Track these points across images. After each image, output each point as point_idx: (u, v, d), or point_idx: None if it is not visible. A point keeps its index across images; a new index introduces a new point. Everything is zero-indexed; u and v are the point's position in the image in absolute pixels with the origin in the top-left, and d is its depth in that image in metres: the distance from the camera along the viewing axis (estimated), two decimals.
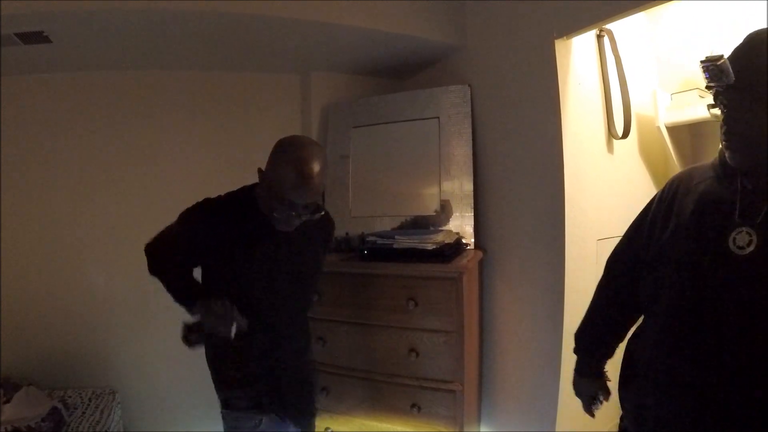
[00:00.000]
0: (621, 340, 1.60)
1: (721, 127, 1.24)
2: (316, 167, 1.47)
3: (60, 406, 2.48)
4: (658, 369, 1.33)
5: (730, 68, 1.19)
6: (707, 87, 1.36)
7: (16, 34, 2.15)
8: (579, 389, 1.68)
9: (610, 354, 1.63)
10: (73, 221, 2.76)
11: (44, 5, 1.95)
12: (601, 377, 1.64)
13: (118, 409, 2.68)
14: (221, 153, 2.88)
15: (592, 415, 1.66)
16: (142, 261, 1.69)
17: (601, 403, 1.64)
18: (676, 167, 2.73)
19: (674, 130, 2.69)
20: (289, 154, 1.49)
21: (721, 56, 1.47)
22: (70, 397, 2.63)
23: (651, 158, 2.73)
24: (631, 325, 1.55)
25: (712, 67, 1.45)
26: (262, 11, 2.16)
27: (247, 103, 2.94)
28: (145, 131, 2.83)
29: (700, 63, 1.45)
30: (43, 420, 2.34)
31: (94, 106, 2.76)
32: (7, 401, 2.44)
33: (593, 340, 1.63)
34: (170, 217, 1.65)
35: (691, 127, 2.72)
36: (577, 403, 1.73)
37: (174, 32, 2.32)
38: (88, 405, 2.59)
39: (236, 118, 2.93)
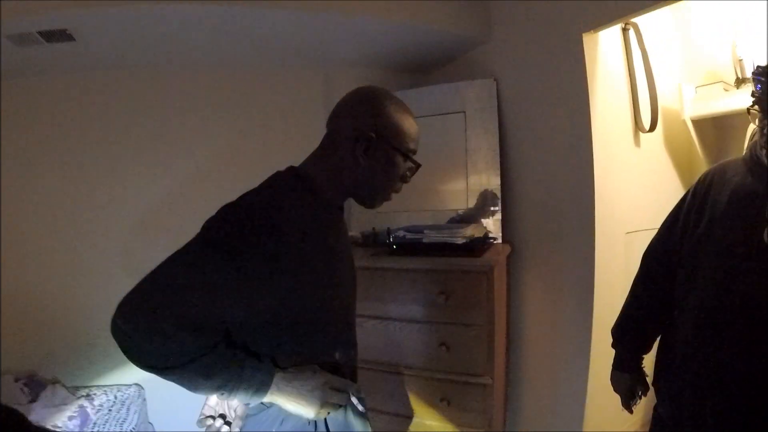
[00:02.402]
0: (659, 334, 1.60)
1: (763, 132, 1.29)
2: None
3: (86, 404, 2.49)
4: (694, 360, 1.35)
5: None
6: (757, 100, 1.37)
7: (40, 33, 2.14)
8: (617, 384, 1.69)
9: (648, 348, 1.64)
10: (98, 215, 2.77)
11: (70, 3, 1.95)
12: (640, 371, 1.65)
13: (144, 405, 2.68)
14: (242, 151, 2.88)
15: (630, 411, 1.67)
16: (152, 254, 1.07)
17: (640, 398, 1.64)
18: (701, 160, 2.73)
19: (698, 123, 2.69)
20: (391, 101, 1.22)
21: None
22: (96, 394, 2.63)
23: (676, 151, 2.72)
24: (668, 318, 1.54)
25: (765, 80, 1.45)
26: (283, 5, 2.15)
27: (268, 99, 2.93)
28: (164, 129, 2.83)
29: (752, 75, 1.45)
30: (69, 418, 2.35)
31: (113, 105, 2.77)
32: (33, 400, 2.44)
33: (631, 334, 1.65)
34: (188, 219, 1.16)
35: (715, 120, 2.72)
36: (606, 398, 1.73)
37: (194, 29, 2.32)
38: (114, 402, 2.59)
39: (257, 115, 2.93)
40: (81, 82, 2.70)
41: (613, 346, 1.70)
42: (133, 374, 2.77)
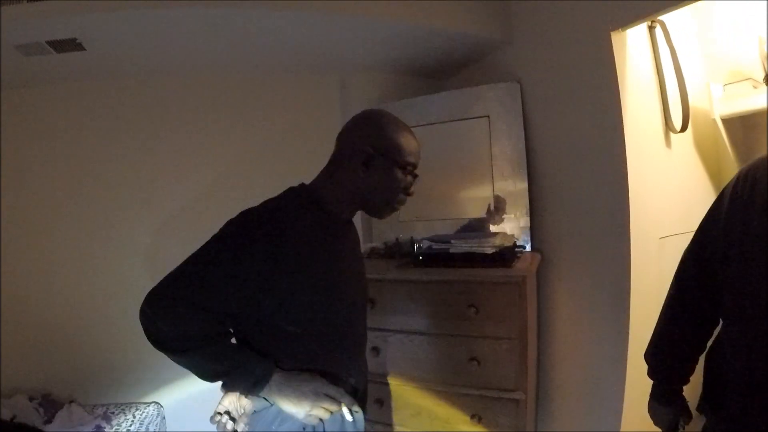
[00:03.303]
0: (699, 357, 1.45)
1: None
2: None
3: (104, 423, 2.42)
4: (754, 377, 1.21)
5: None
6: None
7: (48, 42, 2.09)
8: (657, 417, 1.53)
9: (690, 374, 1.48)
10: (114, 227, 2.72)
11: (77, 9, 1.89)
12: (681, 401, 1.49)
13: (163, 424, 2.62)
14: (260, 157, 2.83)
15: None
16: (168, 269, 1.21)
17: (683, 429, 1.49)
18: (731, 160, 2.65)
19: (728, 122, 2.61)
20: (390, 120, 1.35)
21: None
22: (113, 412, 2.57)
23: (706, 152, 2.64)
24: (709, 338, 1.41)
25: None
26: (299, 7, 2.08)
27: (285, 104, 2.89)
28: (181, 137, 2.79)
29: None
30: None
31: (127, 114, 2.73)
32: (49, 421, 2.38)
33: (669, 360, 1.48)
34: (209, 226, 1.25)
35: (743, 118, 2.64)
36: (642, 411, 1.61)
37: (209, 34, 2.26)
38: (133, 420, 2.52)
39: (275, 120, 2.88)
40: (94, 90, 2.66)
41: (649, 375, 1.54)
42: (152, 392, 2.72)
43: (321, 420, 1.25)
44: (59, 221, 2.66)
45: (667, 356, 1.47)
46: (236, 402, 1.28)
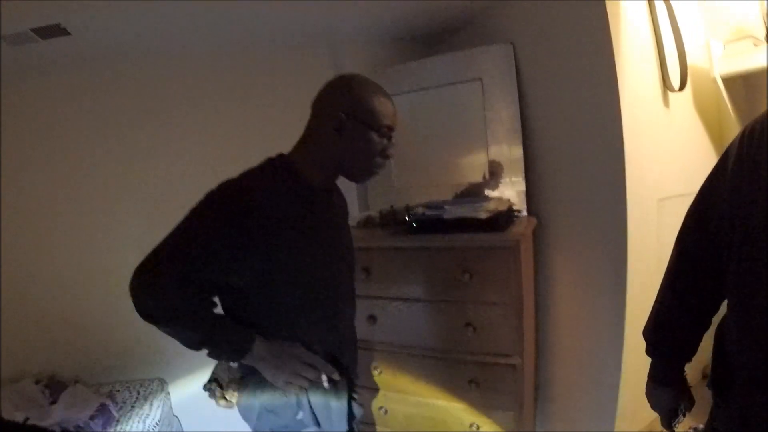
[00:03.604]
0: (703, 333, 1.30)
1: None
2: None
3: (108, 402, 2.44)
4: (758, 360, 1.05)
5: None
6: None
7: (33, 30, 2.05)
8: (655, 400, 1.38)
9: (691, 354, 1.32)
10: (108, 210, 2.72)
11: None
12: (682, 383, 1.33)
13: (167, 399, 2.64)
14: (252, 134, 2.78)
15: (672, 431, 1.37)
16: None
17: (684, 415, 1.34)
18: (732, 120, 2.60)
19: (728, 81, 2.55)
20: (362, 83, 1.35)
21: None
22: (118, 391, 2.59)
23: (706, 111, 2.58)
24: (714, 313, 1.27)
25: None
26: None
27: (274, 79, 2.84)
28: (171, 116, 2.76)
29: None
30: (91, 418, 2.30)
31: (113, 99, 2.69)
32: (54, 402, 2.40)
33: (669, 338, 1.32)
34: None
35: (744, 78, 2.58)
36: (641, 378, 1.52)
37: (195, 10, 2.20)
38: (137, 397, 2.55)
39: (265, 97, 2.83)
40: (79, 79, 2.62)
41: (647, 353, 1.39)
42: (156, 369, 2.73)
43: (304, 389, 1.30)
44: (58, 207, 2.65)
45: (666, 332, 1.32)
46: (226, 371, 1.34)
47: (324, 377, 1.29)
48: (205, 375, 2.71)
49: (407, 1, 2.35)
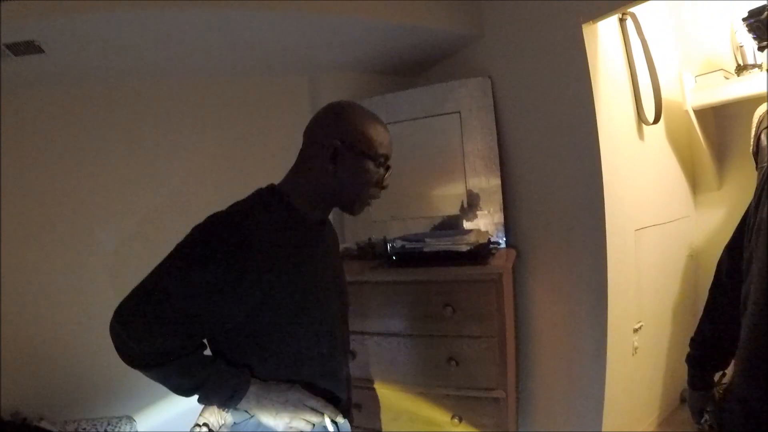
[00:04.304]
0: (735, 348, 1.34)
1: None
2: None
3: None
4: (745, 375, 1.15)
5: None
6: (760, 48, 1.24)
7: (6, 45, 2.01)
8: (689, 401, 1.51)
9: (720, 366, 1.44)
10: (76, 244, 2.61)
11: (36, 8, 1.80)
12: (710, 389, 1.45)
13: None
14: (227, 160, 2.76)
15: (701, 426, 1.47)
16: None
17: (709, 415, 1.44)
18: (704, 151, 2.66)
19: (700, 113, 2.61)
20: (357, 111, 1.27)
21: (765, 7, 1.34)
22: (84, 428, 2.47)
23: (678, 143, 2.65)
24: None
25: (755, 23, 1.32)
26: (266, 7, 2.02)
27: (252, 107, 2.81)
28: (147, 141, 2.69)
29: (742, 20, 1.32)
30: None
31: (94, 118, 2.61)
32: None
33: (703, 349, 1.45)
34: (172, 230, 1.20)
35: (715, 109, 2.65)
36: (623, 407, 1.57)
37: (173, 37, 2.19)
38: None
39: (241, 123, 2.80)
40: (54, 96, 2.54)
41: (686, 360, 1.51)
42: (123, 405, 2.63)
43: None
44: (26, 233, 2.56)
45: (700, 344, 1.45)
46: (216, 414, 1.22)
47: (328, 421, 1.21)
48: (175, 412, 2.67)
49: (385, 34, 2.36)
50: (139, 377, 1.13)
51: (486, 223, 2.38)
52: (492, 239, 2.31)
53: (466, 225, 2.41)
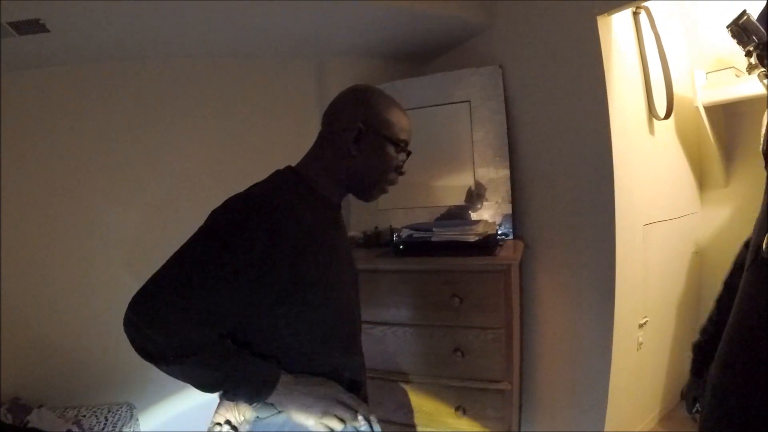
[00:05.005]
0: None
1: None
2: None
3: (75, 428, 2.31)
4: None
5: (758, 24, 1.07)
6: (746, 54, 1.24)
7: (10, 24, 1.97)
8: (685, 389, 1.54)
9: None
10: (79, 228, 2.58)
11: None
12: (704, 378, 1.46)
13: (136, 425, 2.52)
14: (233, 143, 2.72)
15: (692, 417, 1.50)
16: (150, 266, 1.06)
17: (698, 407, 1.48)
18: (713, 148, 2.65)
19: (710, 110, 2.60)
20: (379, 95, 1.26)
21: (743, 13, 1.34)
22: (84, 415, 2.45)
23: (687, 139, 2.64)
24: None
25: (735, 28, 1.32)
26: None
27: (259, 90, 2.78)
28: (153, 122, 2.65)
29: (726, 27, 1.32)
30: None
31: (96, 99, 2.57)
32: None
33: (707, 336, 1.47)
34: (180, 215, 1.14)
35: (725, 107, 2.64)
36: (627, 400, 1.55)
37: (180, 18, 2.16)
38: (105, 422, 2.41)
39: (248, 106, 2.77)
40: (58, 77, 2.50)
41: (692, 346, 1.53)
42: (123, 392, 2.61)
43: (332, 431, 1.12)
44: (26, 219, 2.53)
45: (704, 331, 1.47)
46: (235, 409, 1.16)
47: (361, 419, 1.14)
48: (175, 397, 2.65)
49: (396, 19, 2.33)
50: (139, 365, 1.05)
51: (493, 213, 2.37)
52: (499, 230, 2.29)
53: (473, 215, 2.39)
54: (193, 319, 1.01)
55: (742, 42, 1.39)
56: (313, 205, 1.19)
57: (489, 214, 2.38)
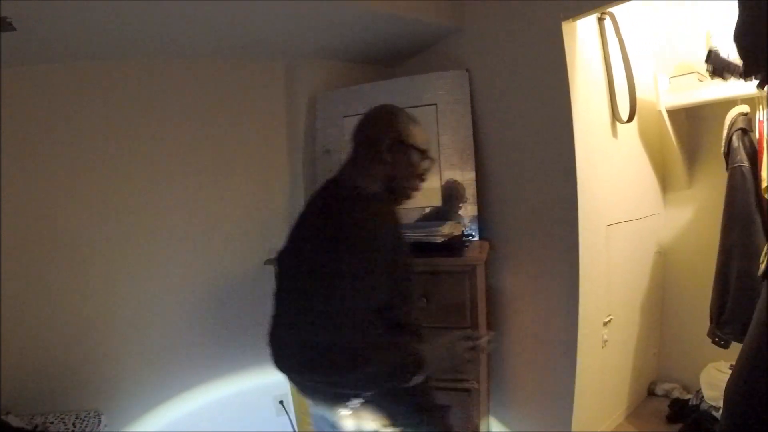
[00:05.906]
0: None
1: None
2: None
3: None
4: None
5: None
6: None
7: None
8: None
9: None
10: (49, 229, 2.54)
11: None
12: None
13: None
14: (202, 144, 2.68)
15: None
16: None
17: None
18: (675, 150, 2.71)
19: (673, 114, 2.66)
20: (403, 112, 1.48)
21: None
22: (52, 422, 2.41)
23: (650, 142, 2.70)
24: None
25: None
26: None
27: (228, 92, 2.74)
28: (123, 122, 2.58)
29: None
30: None
31: (71, 100, 2.50)
32: None
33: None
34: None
35: (688, 110, 2.71)
36: (594, 396, 1.61)
37: (151, 18, 2.13)
38: (73, 429, 2.38)
39: (217, 107, 2.72)
40: (23, 76, 2.42)
41: None
42: (91, 399, 2.58)
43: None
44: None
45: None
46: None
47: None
48: (143, 406, 2.62)
49: (364, 22, 2.35)
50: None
51: (455, 213, 2.39)
52: (465, 231, 2.32)
53: (445, 216, 2.41)
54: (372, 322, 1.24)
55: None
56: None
57: (452, 214, 2.40)
